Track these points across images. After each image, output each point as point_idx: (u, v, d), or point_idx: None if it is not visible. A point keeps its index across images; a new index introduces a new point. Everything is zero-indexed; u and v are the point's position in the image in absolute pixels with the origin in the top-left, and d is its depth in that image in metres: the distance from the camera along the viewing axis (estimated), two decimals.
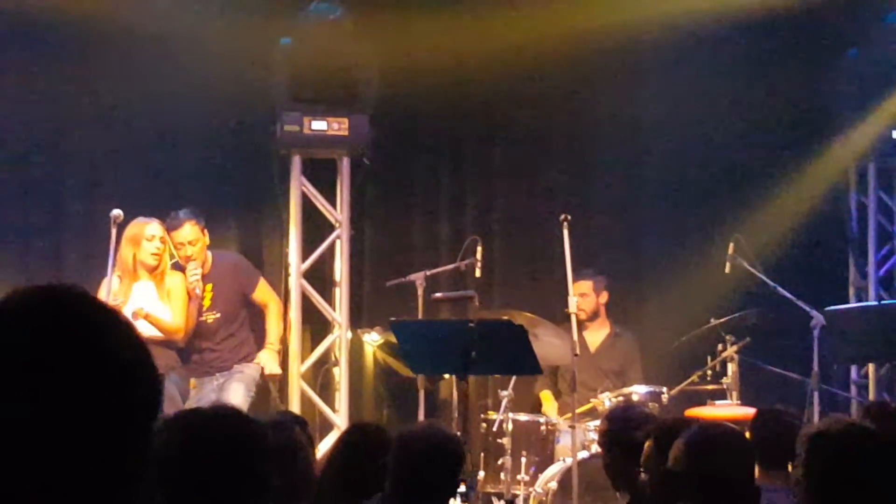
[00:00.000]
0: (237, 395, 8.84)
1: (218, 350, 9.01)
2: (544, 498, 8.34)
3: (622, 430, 5.42)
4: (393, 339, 8.46)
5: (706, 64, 10.28)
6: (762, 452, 5.70)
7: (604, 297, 9.65)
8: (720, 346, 8.90)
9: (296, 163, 9.70)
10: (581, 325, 9.23)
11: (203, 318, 8.98)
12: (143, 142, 9.96)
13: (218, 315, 9.00)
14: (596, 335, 9.65)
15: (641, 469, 4.75)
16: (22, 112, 9.85)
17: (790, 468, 5.29)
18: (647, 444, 4.74)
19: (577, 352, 8.16)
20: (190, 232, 8.87)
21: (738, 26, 10.12)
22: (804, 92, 10.24)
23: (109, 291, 8.48)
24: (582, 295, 9.29)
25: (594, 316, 9.62)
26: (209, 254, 9.06)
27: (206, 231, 8.98)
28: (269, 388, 9.24)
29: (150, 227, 8.82)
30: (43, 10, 9.65)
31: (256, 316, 9.28)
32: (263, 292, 9.19)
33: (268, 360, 9.07)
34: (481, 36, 10.34)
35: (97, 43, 9.90)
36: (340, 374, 9.69)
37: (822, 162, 10.34)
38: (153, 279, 8.84)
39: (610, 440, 5.53)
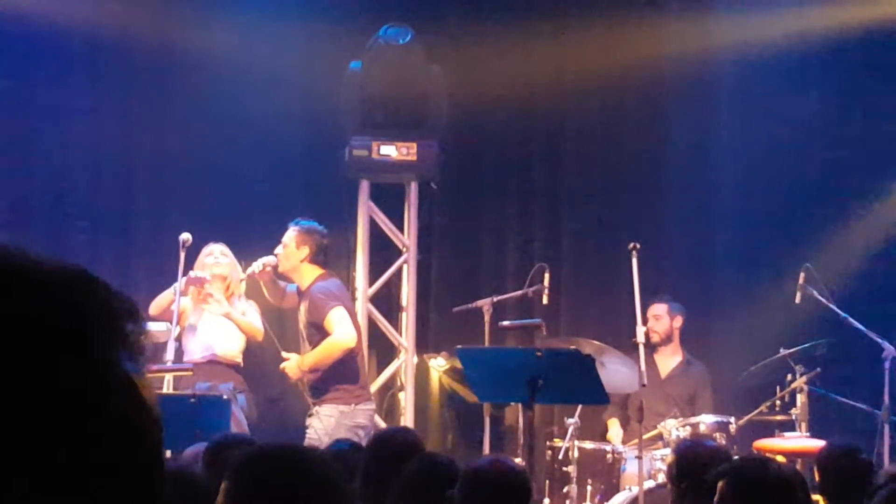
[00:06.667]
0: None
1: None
2: None
3: (691, 464, 5.35)
4: (459, 364, 8.42)
5: (779, 91, 10.18)
6: (833, 491, 5.64)
7: (678, 321, 9.51)
8: (789, 377, 8.80)
9: (364, 187, 9.72)
10: (653, 350, 9.19)
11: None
12: (213, 166, 10.03)
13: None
14: (668, 361, 9.54)
15: None
16: (92, 138, 9.96)
17: None
18: (720, 484, 4.65)
19: (645, 382, 8.08)
20: (286, 235, 8.71)
21: (812, 51, 10.01)
22: (878, 118, 10.10)
23: (177, 312, 8.50)
24: (656, 317, 9.24)
25: (667, 340, 9.48)
26: (322, 275, 8.69)
27: (303, 247, 8.60)
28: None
29: (206, 248, 8.90)
30: (116, 36, 9.75)
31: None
32: (329, 322, 8.56)
33: (290, 364, 8.57)
34: (551, 62, 10.34)
35: (168, 69, 10.00)
36: (406, 399, 9.70)
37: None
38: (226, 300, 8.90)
39: (679, 474, 5.47)
